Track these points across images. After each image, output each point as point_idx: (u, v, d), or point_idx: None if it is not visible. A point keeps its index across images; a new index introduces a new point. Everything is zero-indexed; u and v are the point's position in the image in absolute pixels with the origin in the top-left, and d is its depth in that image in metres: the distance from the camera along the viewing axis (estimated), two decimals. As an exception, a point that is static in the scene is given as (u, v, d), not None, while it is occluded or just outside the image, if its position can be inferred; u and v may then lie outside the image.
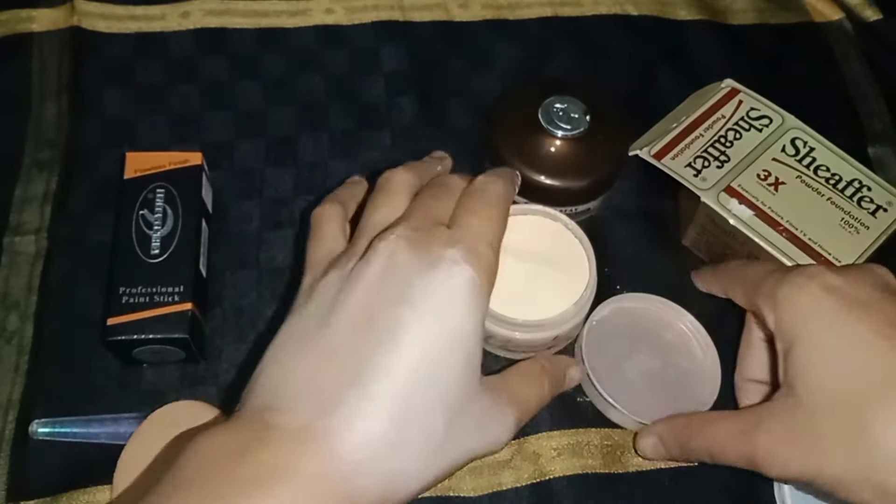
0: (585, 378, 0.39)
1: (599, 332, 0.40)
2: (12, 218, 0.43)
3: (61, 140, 0.45)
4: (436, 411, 0.26)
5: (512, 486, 0.38)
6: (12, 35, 0.49)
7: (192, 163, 0.41)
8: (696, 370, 0.40)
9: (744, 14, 0.55)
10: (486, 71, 0.51)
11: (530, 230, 0.39)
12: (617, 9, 0.54)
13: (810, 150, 0.42)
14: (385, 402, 0.25)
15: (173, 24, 0.50)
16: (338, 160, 0.46)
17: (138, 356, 0.38)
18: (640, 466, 0.38)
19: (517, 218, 0.38)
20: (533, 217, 0.39)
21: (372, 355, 0.26)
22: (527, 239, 0.38)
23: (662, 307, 0.41)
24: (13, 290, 0.41)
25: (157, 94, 0.48)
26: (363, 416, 0.25)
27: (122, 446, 0.35)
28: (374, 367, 0.26)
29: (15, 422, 0.37)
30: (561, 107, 0.41)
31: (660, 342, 0.41)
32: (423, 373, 0.26)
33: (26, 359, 0.39)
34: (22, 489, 0.36)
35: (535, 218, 0.39)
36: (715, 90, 0.45)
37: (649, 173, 0.43)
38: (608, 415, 0.39)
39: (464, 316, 0.28)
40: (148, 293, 0.37)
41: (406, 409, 0.26)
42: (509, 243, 0.32)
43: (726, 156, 0.42)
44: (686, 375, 0.40)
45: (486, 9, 0.53)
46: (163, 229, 0.39)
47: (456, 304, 0.28)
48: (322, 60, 0.50)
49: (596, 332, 0.40)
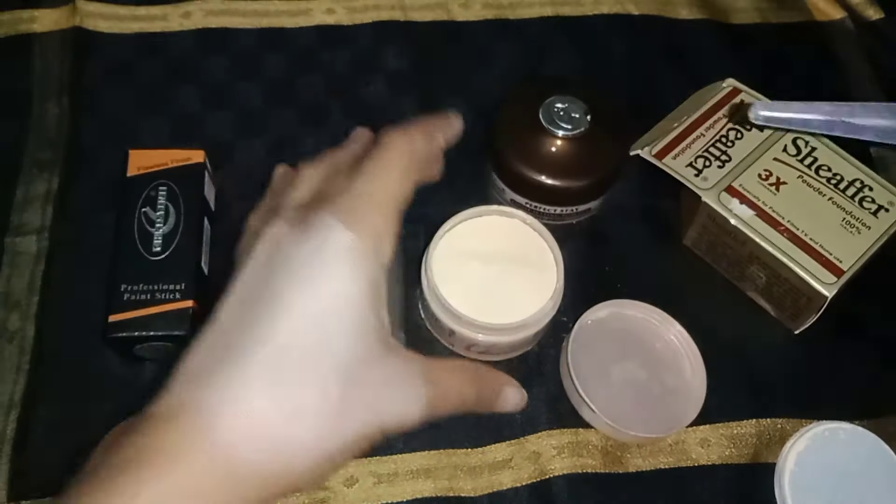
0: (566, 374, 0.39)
1: (592, 331, 0.40)
2: (13, 218, 0.43)
3: (62, 140, 0.45)
4: (325, 377, 0.26)
5: (512, 486, 0.38)
6: (14, 35, 0.49)
7: (194, 160, 0.41)
8: (682, 389, 0.39)
9: (745, 13, 0.55)
10: (486, 71, 0.51)
11: (490, 230, 0.39)
12: (618, 8, 0.54)
13: (812, 149, 0.42)
14: (263, 372, 0.25)
15: (174, 24, 0.50)
16: (338, 160, 0.46)
17: (139, 353, 0.38)
18: (639, 466, 0.38)
19: (475, 220, 0.39)
20: (490, 217, 0.39)
21: (250, 330, 0.26)
22: (487, 240, 0.38)
23: (661, 320, 0.41)
24: (14, 290, 0.41)
25: (158, 94, 0.48)
26: (238, 387, 0.24)
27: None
28: (251, 340, 0.25)
29: (16, 422, 0.38)
30: (562, 106, 0.41)
31: (651, 354, 0.41)
32: (306, 340, 0.25)
33: (28, 358, 0.39)
34: (22, 489, 0.36)
35: (492, 218, 0.39)
36: (716, 90, 0.45)
37: (650, 173, 0.43)
38: (581, 412, 0.39)
39: (345, 280, 0.27)
40: (149, 290, 0.37)
41: (289, 377, 0.25)
42: (469, 246, 0.32)
43: (727, 155, 0.42)
44: (670, 393, 0.39)
45: (486, 8, 0.53)
46: (165, 227, 0.39)
47: (334, 269, 0.27)
48: (323, 60, 0.50)
49: (588, 331, 0.40)
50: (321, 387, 0.25)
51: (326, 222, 0.27)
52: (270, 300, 0.26)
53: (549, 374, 0.41)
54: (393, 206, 0.29)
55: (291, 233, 0.28)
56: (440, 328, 0.38)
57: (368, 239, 0.28)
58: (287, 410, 0.25)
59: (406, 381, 0.28)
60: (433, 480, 0.38)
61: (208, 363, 0.26)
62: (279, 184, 0.34)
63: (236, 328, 0.26)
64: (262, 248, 0.28)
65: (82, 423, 0.37)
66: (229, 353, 0.25)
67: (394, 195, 0.30)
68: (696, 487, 0.38)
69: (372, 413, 0.27)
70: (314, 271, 0.27)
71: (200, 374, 0.25)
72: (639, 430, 0.37)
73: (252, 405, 0.24)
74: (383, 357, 0.27)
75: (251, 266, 0.28)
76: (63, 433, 0.38)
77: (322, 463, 0.25)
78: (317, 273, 0.27)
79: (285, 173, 0.35)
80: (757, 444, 0.39)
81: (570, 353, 0.39)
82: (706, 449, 0.39)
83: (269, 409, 0.24)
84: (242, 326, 0.26)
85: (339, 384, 0.26)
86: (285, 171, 0.35)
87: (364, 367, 0.27)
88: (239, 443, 0.24)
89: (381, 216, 0.29)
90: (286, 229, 0.28)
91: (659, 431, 0.38)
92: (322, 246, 0.27)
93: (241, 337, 0.26)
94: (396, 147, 0.31)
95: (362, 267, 0.27)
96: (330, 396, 0.25)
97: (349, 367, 0.26)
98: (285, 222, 0.29)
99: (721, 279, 0.44)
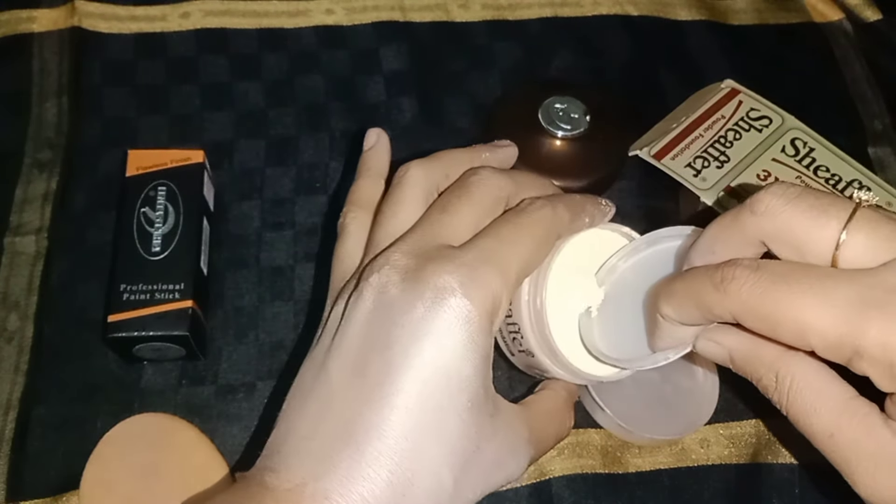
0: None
1: None
2: (13, 218, 0.43)
3: (62, 140, 0.45)
4: (441, 464, 0.24)
5: (512, 486, 0.38)
6: (13, 35, 0.49)
7: (193, 160, 0.41)
8: (695, 391, 0.39)
9: (744, 14, 0.55)
10: (486, 71, 0.51)
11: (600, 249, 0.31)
12: (617, 9, 0.54)
13: (810, 150, 0.42)
14: (382, 462, 0.24)
15: (174, 24, 0.50)
16: (338, 160, 0.47)
17: (139, 353, 0.38)
18: (639, 466, 0.38)
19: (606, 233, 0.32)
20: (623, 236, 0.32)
21: (365, 409, 0.24)
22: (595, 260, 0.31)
23: None
24: (13, 290, 0.41)
25: (157, 94, 0.48)
26: (358, 478, 0.23)
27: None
28: (368, 422, 0.24)
29: (15, 422, 0.37)
30: (561, 107, 0.42)
31: None
32: (420, 425, 0.24)
33: (26, 358, 0.39)
34: (21, 489, 0.36)
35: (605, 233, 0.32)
36: (715, 90, 0.45)
37: (649, 173, 0.43)
38: (594, 415, 0.39)
39: (460, 356, 0.25)
40: (149, 290, 0.37)
41: (406, 466, 0.24)
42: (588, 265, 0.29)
43: (726, 156, 0.42)
44: (683, 395, 0.39)
45: (486, 9, 0.53)
46: (164, 227, 0.39)
47: (448, 345, 0.25)
48: (322, 61, 0.50)
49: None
50: (437, 477, 0.24)
51: (444, 284, 0.25)
52: (384, 378, 0.24)
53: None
54: (519, 276, 0.27)
55: (403, 288, 0.25)
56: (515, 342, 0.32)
57: (487, 309, 0.25)
58: (404, 498, 0.24)
59: (514, 451, 0.27)
60: (433, 481, 0.37)
61: (325, 439, 0.24)
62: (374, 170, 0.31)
63: (349, 403, 0.25)
64: (368, 301, 0.26)
65: (81, 424, 0.38)
66: (348, 436, 0.24)
67: (525, 264, 0.27)
68: (695, 487, 0.38)
69: (481, 490, 0.26)
70: (426, 348, 0.24)
71: (319, 452, 0.24)
72: (653, 432, 0.37)
73: (373, 496, 0.23)
74: (493, 433, 0.26)
75: (359, 323, 0.26)
76: (62, 433, 0.37)
77: None
78: (429, 350, 0.24)
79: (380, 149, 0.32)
80: (757, 444, 0.39)
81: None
82: (706, 449, 0.39)
83: (389, 496, 0.24)
84: (357, 403, 0.24)
85: (453, 474, 0.25)
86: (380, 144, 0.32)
87: (476, 448, 0.25)
88: None
89: (504, 286, 0.26)
90: (397, 282, 0.26)
91: (673, 433, 0.38)
92: (437, 311, 0.25)
93: (357, 417, 0.24)
94: (542, 217, 0.27)
95: (477, 341, 0.25)
96: (443, 483, 0.25)
97: (463, 450, 0.25)
98: (395, 273, 0.26)
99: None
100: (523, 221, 0.27)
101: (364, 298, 0.26)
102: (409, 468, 0.24)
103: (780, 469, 0.39)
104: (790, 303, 0.22)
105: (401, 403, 0.24)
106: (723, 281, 0.24)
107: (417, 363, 0.24)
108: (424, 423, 0.24)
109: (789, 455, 0.39)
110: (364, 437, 0.24)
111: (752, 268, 0.23)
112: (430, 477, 0.24)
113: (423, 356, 0.24)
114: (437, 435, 0.24)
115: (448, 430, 0.25)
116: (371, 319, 0.26)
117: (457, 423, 0.25)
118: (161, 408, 0.38)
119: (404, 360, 0.24)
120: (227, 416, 0.38)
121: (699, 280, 0.25)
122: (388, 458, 0.24)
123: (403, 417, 0.24)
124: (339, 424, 0.24)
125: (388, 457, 0.24)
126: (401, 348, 0.25)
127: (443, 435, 0.24)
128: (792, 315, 0.22)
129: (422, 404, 0.24)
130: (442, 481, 0.24)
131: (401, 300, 0.25)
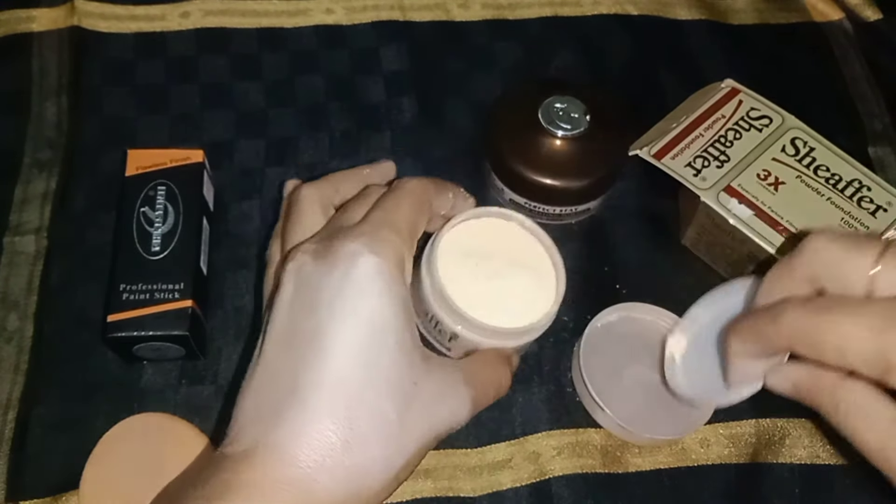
0: (578, 377, 0.39)
1: (602, 335, 0.40)
2: (12, 218, 0.43)
3: (61, 140, 0.45)
4: (382, 400, 0.27)
5: (511, 486, 0.38)
6: (12, 35, 0.49)
7: (193, 160, 0.41)
8: None
9: (744, 14, 0.55)
10: (486, 71, 0.51)
11: (490, 233, 0.35)
12: (617, 8, 0.54)
13: (810, 149, 0.42)
14: (324, 406, 0.26)
15: (173, 23, 0.50)
16: (338, 160, 0.47)
17: (138, 353, 0.38)
18: (639, 466, 0.38)
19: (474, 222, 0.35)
20: (489, 219, 0.36)
21: (300, 367, 0.27)
22: (487, 242, 0.35)
23: (671, 323, 0.40)
24: (13, 289, 0.41)
25: (157, 94, 0.48)
26: (306, 426, 0.26)
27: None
28: (305, 378, 0.26)
29: (15, 421, 0.37)
30: (561, 107, 0.41)
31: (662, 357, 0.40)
32: (355, 368, 0.27)
33: (26, 358, 0.39)
34: (21, 489, 0.36)
35: (491, 220, 0.36)
36: (715, 90, 0.45)
37: (649, 173, 0.43)
38: (594, 416, 0.39)
39: (380, 303, 0.28)
40: (148, 290, 0.37)
41: (347, 406, 0.26)
42: (469, 248, 0.32)
43: (726, 155, 0.42)
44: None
45: (486, 9, 0.53)
46: (164, 226, 0.39)
47: (367, 294, 0.28)
48: (322, 60, 0.50)
49: (598, 335, 0.40)
50: (380, 412, 0.27)
51: (353, 249, 0.28)
52: (314, 337, 0.27)
53: (549, 374, 0.41)
54: (411, 233, 0.31)
55: (316, 264, 0.29)
56: (439, 332, 0.37)
57: (393, 261, 0.29)
58: (354, 440, 0.26)
59: (451, 389, 0.30)
60: (433, 480, 0.38)
61: (270, 404, 0.27)
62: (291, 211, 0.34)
63: (288, 369, 0.27)
64: (288, 283, 0.29)
65: (81, 423, 0.38)
66: (289, 394, 0.26)
67: (412, 223, 0.31)
68: (695, 487, 0.38)
69: (427, 426, 0.28)
70: (349, 301, 0.28)
71: (266, 414, 0.27)
72: (653, 432, 0.37)
73: (322, 439, 0.26)
74: (427, 371, 0.29)
75: (283, 303, 0.29)
76: (62, 433, 0.37)
77: (390, 481, 0.27)
78: (352, 302, 0.28)
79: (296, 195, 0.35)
80: (757, 444, 0.39)
81: (582, 357, 0.39)
82: (706, 449, 0.39)
83: (338, 441, 0.26)
84: (295, 368, 0.27)
85: (395, 407, 0.27)
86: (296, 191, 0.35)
87: (413, 383, 0.28)
88: (316, 475, 0.25)
89: (402, 240, 0.30)
90: (310, 261, 0.29)
91: (673, 433, 0.38)
92: (350, 273, 0.28)
93: (296, 377, 0.27)
94: (412, 187, 0.32)
95: (393, 289, 0.28)
96: (389, 420, 0.27)
97: (401, 389, 0.28)
98: (307, 254, 0.29)
99: (720, 279, 0.44)
100: (399, 193, 0.32)
101: (284, 284, 0.29)
102: (351, 407, 0.26)
103: (780, 469, 0.39)
104: (831, 327, 0.26)
105: (332, 353, 0.27)
106: (777, 315, 0.27)
107: (340, 315, 0.27)
108: (358, 367, 0.27)
109: (789, 455, 0.39)
110: (305, 392, 0.26)
111: (801, 302, 0.27)
112: (374, 413, 0.27)
113: (345, 307, 0.27)
114: (372, 374, 0.27)
115: (382, 368, 0.27)
116: (294, 297, 0.29)
117: (389, 362, 0.27)
118: (161, 408, 0.38)
119: (329, 315, 0.27)
120: (226, 416, 0.38)
121: (759, 316, 0.29)
122: (330, 403, 0.26)
123: (338, 364, 0.27)
124: (281, 388, 0.27)
125: (330, 402, 0.26)
126: (325, 307, 0.27)
127: (378, 373, 0.27)
128: (832, 338, 0.25)
129: (352, 350, 0.27)
130: (386, 415, 0.27)
131: (317, 272, 0.28)
